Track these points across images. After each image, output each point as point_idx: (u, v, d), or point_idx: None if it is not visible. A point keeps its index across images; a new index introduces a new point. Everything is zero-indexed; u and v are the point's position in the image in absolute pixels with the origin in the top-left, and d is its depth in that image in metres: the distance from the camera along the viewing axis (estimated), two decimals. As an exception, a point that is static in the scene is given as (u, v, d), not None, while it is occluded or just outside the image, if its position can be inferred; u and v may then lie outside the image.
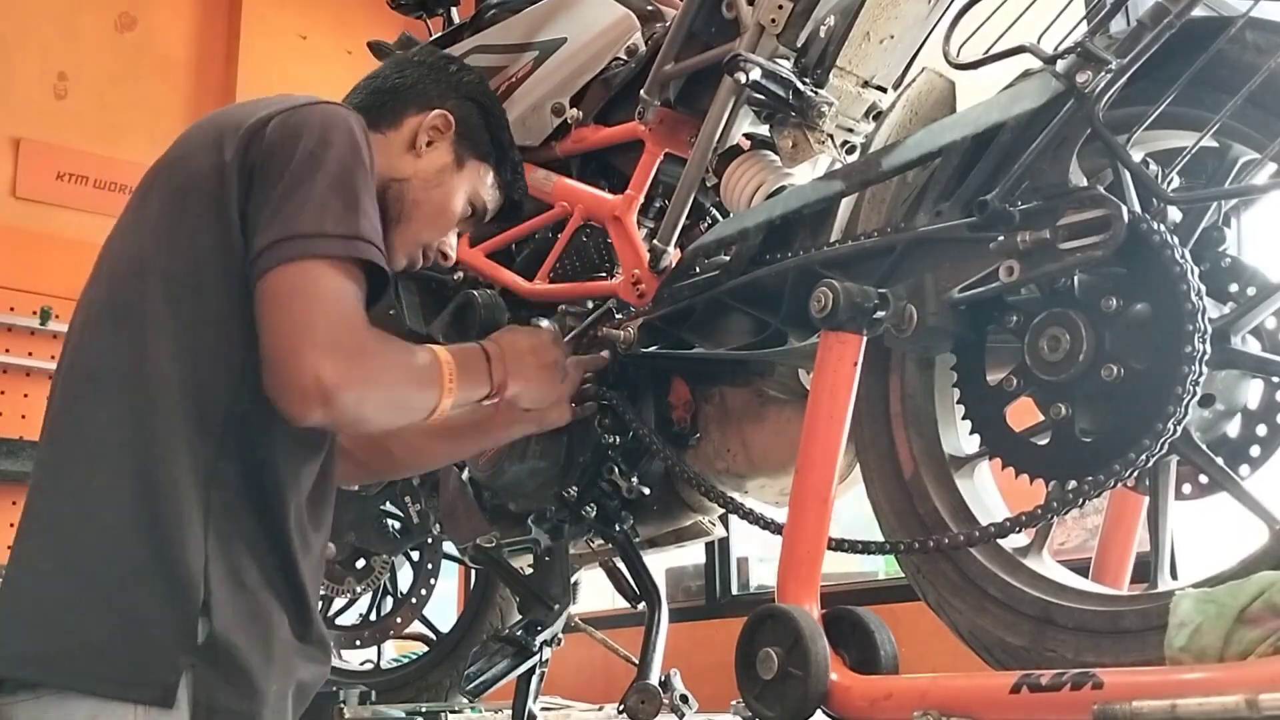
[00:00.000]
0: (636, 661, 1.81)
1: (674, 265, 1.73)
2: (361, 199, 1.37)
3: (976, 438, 1.42)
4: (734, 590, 3.62)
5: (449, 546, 2.42)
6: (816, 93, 1.60)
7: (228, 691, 1.26)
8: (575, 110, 1.95)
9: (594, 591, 2.80)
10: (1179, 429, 1.21)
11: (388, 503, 2.39)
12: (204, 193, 1.37)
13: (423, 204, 1.58)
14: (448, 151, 1.61)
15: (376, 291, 1.39)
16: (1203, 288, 1.21)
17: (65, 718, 1.20)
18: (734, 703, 2.25)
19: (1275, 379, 1.34)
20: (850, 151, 1.68)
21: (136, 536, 1.25)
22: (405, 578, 2.53)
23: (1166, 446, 1.22)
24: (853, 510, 1.68)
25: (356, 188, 1.37)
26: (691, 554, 3.57)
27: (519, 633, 1.80)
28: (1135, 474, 1.24)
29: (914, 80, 1.57)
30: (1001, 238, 1.28)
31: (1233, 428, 1.36)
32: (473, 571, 2.69)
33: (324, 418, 1.29)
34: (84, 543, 1.27)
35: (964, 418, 1.44)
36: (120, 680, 1.21)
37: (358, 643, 2.50)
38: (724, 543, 3.51)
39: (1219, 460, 1.32)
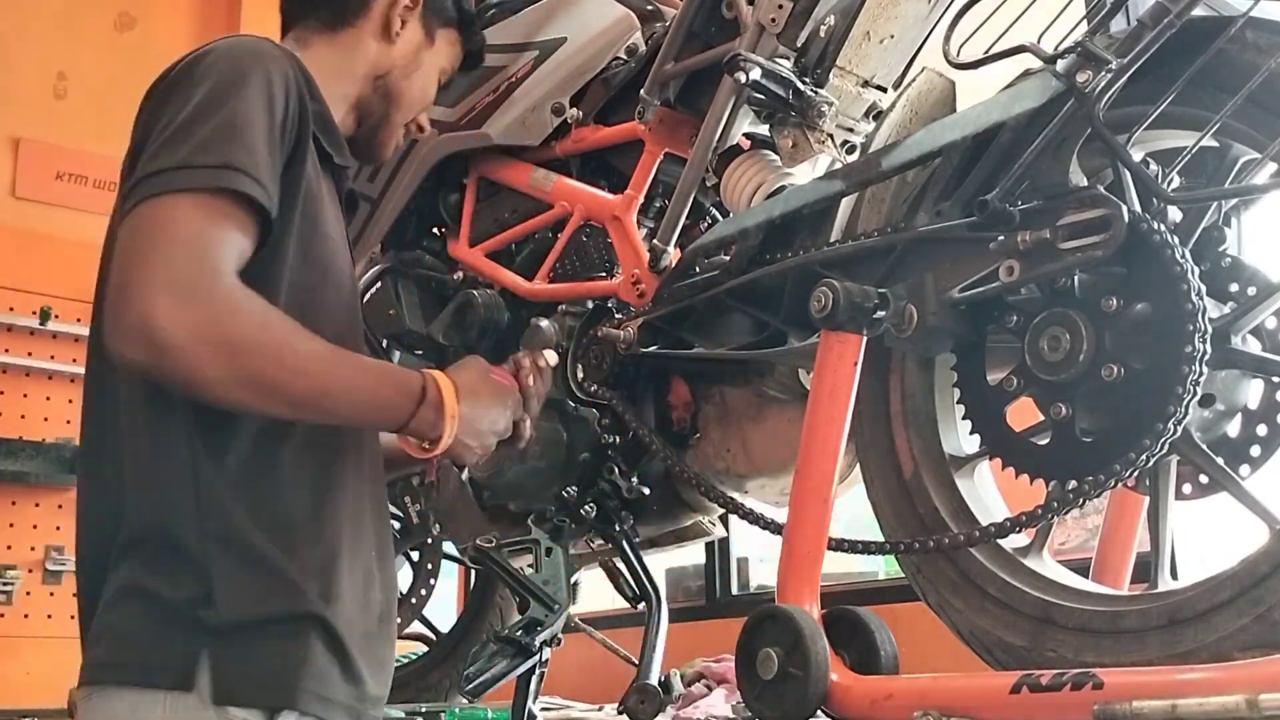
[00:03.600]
0: (636, 661, 1.81)
1: (674, 265, 1.73)
2: (238, 123, 1.21)
3: (976, 438, 1.42)
4: (734, 590, 3.61)
5: (449, 546, 2.42)
6: (816, 92, 1.60)
7: (251, 669, 1.22)
8: (575, 110, 1.95)
9: (594, 591, 2.79)
10: (1179, 429, 1.21)
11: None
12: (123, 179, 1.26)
13: (405, 91, 1.51)
14: (418, 29, 1.52)
15: (265, 235, 1.24)
16: (1203, 287, 1.21)
17: (111, 709, 1.22)
18: (734, 703, 2.25)
19: (1275, 379, 1.34)
20: (850, 151, 1.68)
21: (142, 531, 1.24)
22: (405, 578, 2.52)
23: (1167, 446, 1.22)
24: (853, 510, 1.68)
25: (233, 111, 1.21)
26: (691, 554, 3.56)
27: (519, 633, 1.80)
28: (1135, 474, 1.25)
29: (914, 80, 1.57)
30: (1001, 237, 1.28)
31: (1233, 428, 1.36)
32: (472, 571, 2.69)
33: (148, 363, 1.13)
34: (104, 542, 1.27)
35: (964, 418, 1.44)
36: (147, 668, 1.21)
37: (357, 643, 2.49)
38: (724, 543, 3.51)
39: (1219, 460, 1.32)
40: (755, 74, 1.55)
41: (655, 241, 1.77)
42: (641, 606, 1.91)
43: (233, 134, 1.20)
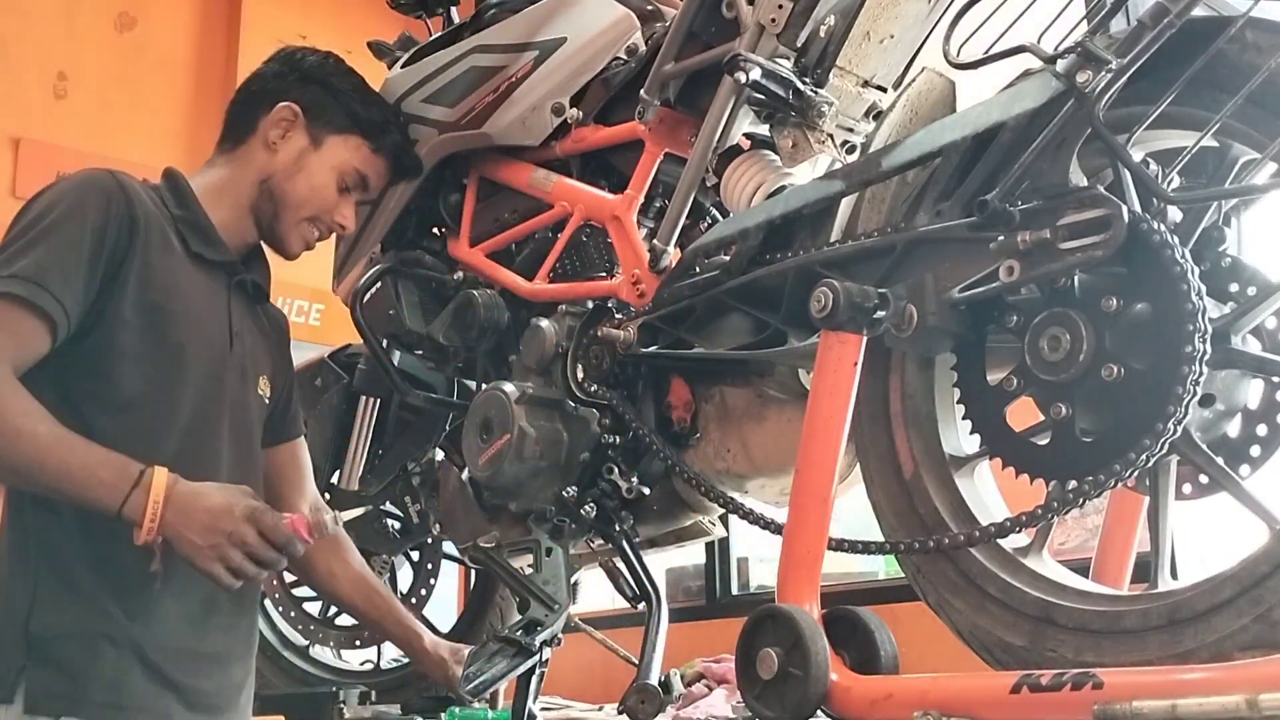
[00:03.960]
0: (636, 661, 1.81)
1: (674, 265, 1.73)
2: (36, 242, 1.51)
3: (977, 438, 1.42)
4: (734, 590, 3.62)
5: (449, 546, 2.42)
6: (816, 92, 1.60)
7: (55, 680, 1.47)
8: (575, 110, 1.94)
9: (594, 591, 2.80)
10: (1179, 429, 1.21)
11: (387, 503, 2.39)
12: None
13: (289, 191, 1.77)
14: (302, 137, 1.78)
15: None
16: (1203, 287, 1.21)
17: None
18: (734, 703, 2.25)
19: (1275, 379, 1.34)
20: (850, 151, 1.68)
21: None
22: (405, 578, 2.52)
23: (1167, 446, 1.22)
24: (853, 510, 1.68)
25: (42, 233, 1.52)
26: (691, 554, 3.57)
27: (519, 633, 1.80)
28: (1135, 474, 1.24)
29: (914, 80, 1.57)
30: (1001, 237, 1.28)
31: (1233, 428, 1.36)
32: (473, 571, 2.69)
33: None
34: None
35: (964, 418, 1.44)
36: None
37: (357, 643, 2.50)
38: (724, 543, 3.51)
39: (1219, 460, 1.32)
40: (755, 74, 1.55)
41: (655, 241, 1.77)
42: (641, 606, 1.91)
43: (26, 251, 1.51)
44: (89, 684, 1.49)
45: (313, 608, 2.46)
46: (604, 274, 1.92)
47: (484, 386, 1.94)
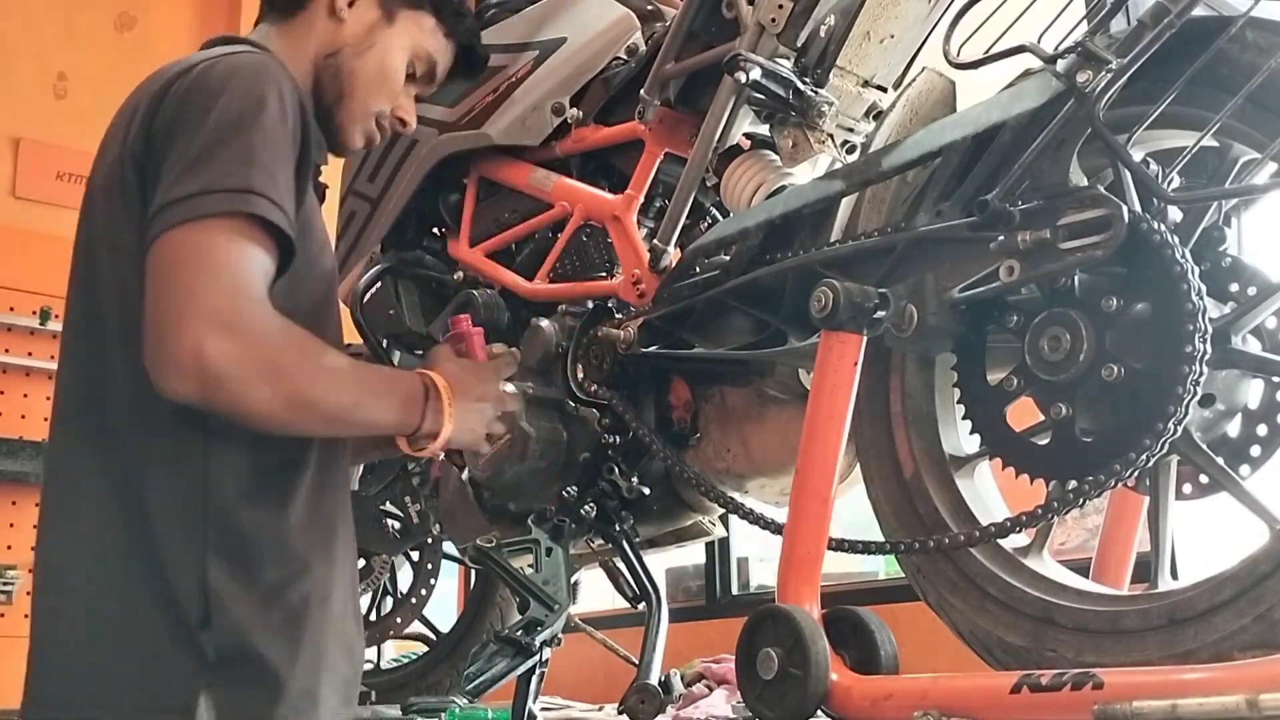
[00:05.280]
0: (636, 661, 1.81)
1: (674, 265, 1.73)
2: (257, 149, 1.24)
3: (977, 437, 1.42)
4: (734, 590, 3.62)
5: (449, 546, 2.42)
6: (816, 92, 1.60)
7: (253, 698, 1.23)
8: (575, 110, 1.95)
9: (594, 591, 2.80)
10: (1179, 429, 1.21)
11: (388, 503, 2.39)
12: (117, 182, 1.32)
13: (358, 71, 1.49)
14: (373, 8, 1.51)
15: (285, 258, 1.27)
16: (1203, 287, 1.21)
17: None
18: (734, 702, 2.25)
19: (1275, 379, 1.34)
20: (850, 151, 1.68)
21: (128, 563, 1.25)
22: (405, 578, 2.52)
23: (1167, 446, 1.22)
24: (853, 510, 1.68)
25: (253, 138, 1.25)
26: (691, 554, 3.57)
27: (519, 633, 1.80)
28: (1136, 474, 1.25)
29: (914, 80, 1.57)
30: (1002, 237, 1.28)
31: (1233, 427, 1.36)
32: (473, 571, 2.69)
33: (201, 396, 1.17)
34: (85, 579, 1.27)
35: (964, 417, 1.44)
36: (140, 709, 1.21)
37: (357, 643, 2.49)
38: (724, 543, 3.51)
39: (1219, 460, 1.32)
40: (755, 74, 1.55)
41: (655, 241, 1.77)
42: (641, 606, 1.91)
43: (252, 159, 1.24)
44: (290, 702, 1.26)
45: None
46: (604, 274, 1.92)
47: (484, 386, 1.94)
